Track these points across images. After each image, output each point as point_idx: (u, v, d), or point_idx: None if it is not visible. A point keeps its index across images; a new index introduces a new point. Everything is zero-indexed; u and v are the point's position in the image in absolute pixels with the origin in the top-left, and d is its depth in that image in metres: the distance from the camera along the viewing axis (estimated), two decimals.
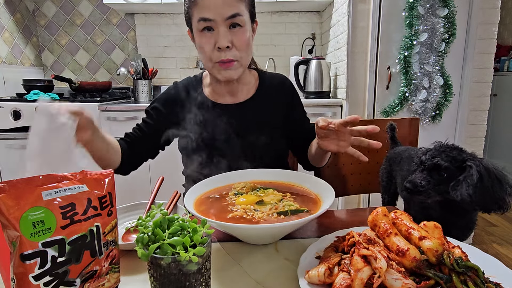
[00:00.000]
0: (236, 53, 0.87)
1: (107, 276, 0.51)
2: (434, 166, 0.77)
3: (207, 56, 0.87)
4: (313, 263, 0.56)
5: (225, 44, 0.84)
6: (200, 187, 0.79)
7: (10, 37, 2.44)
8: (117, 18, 2.74)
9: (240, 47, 0.87)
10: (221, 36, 0.84)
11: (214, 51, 0.86)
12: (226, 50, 0.85)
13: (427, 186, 0.76)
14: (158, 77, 2.77)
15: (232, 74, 0.90)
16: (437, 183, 0.77)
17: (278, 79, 1.07)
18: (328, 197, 0.70)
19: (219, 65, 0.87)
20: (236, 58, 0.88)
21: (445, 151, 0.78)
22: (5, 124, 2.09)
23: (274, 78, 1.07)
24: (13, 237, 0.42)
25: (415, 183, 0.77)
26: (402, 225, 0.53)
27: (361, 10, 2.00)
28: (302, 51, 2.76)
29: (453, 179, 0.76)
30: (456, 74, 2.04)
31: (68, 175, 0.49)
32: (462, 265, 0.46)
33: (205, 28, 0.85)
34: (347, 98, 2.10)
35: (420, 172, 0.80)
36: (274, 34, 2.76)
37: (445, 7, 1.92)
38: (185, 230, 0.48)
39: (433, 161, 0.77)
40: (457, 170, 0.76)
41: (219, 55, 0.86)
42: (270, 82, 1.05)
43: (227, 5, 0.83)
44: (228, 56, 0.86)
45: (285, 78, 1.09)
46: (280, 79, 1.08)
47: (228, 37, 0.84)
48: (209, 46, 0.86)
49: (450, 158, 0.76)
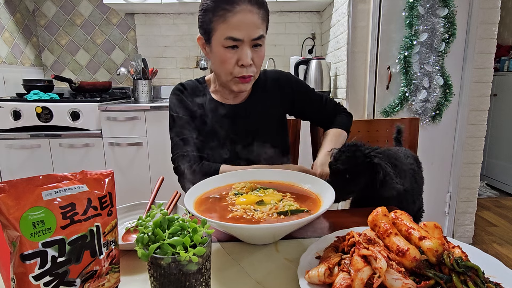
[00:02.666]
0: (254, 69, 0.95)
1: (107, 276, 0.51)
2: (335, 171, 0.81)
3: (228, 70, 0.93)
4: (313, 263, 0.56)
5: (249, 62, 0.91)
6: (200, 187, 0.79)
7: (10, 37, 2.44)
8: (117, 18, 2.74)
9: (258, 64, 0.95)
10: (245, 54, 0.90)
11: (236, 67, 0.93)
12: (248, 67, 0.93)
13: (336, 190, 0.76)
14: (158, 77, 2.78)
15: (248, 87, 0.99)
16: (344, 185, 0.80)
17: (273, 75, 1.13)
18: (328, 197, 0.70)
19: (239, 79, 0.94)
20: (254, 74, 0.96)
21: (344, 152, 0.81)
22: (5, 124, 2.09)
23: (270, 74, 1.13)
24: (13, 237, 0.42)
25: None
26: (402, 225, 0.53)
27: (361, 10, 2.00)
28: (302, 51, 2.76)
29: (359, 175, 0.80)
30: (456, 74, 2.04)
31: (68, 175, 0.49)
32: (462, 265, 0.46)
33: (230, 45, 0.90)
34: (347, 98, 2.10)
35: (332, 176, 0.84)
36: (274, 34, 2.76)
37: (445, 7, 1.92)
38: (185, 230, 0.48)
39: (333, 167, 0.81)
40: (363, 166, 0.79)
41: (240, 71, 0.93)
42: (265, 80, 1.11)
43: (255, 27, 0.89)
44: (249, 72, 0.93)
45: (280, 74, 1.14)
46: (276, 75, 1.13)
47: (250, 55, 0.91)
48: (232, 61, 0.92)
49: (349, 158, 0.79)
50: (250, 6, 0.87)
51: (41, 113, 2.08)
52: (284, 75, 1.13)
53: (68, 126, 2.11)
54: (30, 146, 2.12)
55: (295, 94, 1.12)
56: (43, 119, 2.09)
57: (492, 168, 3.40)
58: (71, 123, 2.11)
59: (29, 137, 2.11)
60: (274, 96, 1.10)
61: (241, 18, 0.86)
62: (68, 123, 2.11)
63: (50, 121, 2.09)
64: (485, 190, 3.28)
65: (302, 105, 1.14)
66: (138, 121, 2.13)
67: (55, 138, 2.12)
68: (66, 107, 2.09)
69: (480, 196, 3.09)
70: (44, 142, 2.13)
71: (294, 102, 1.13)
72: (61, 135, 2.12)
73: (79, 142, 2.13)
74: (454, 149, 2.14)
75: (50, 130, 2.12)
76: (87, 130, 2.13)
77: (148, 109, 2.11)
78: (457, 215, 2.25)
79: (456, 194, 2.20)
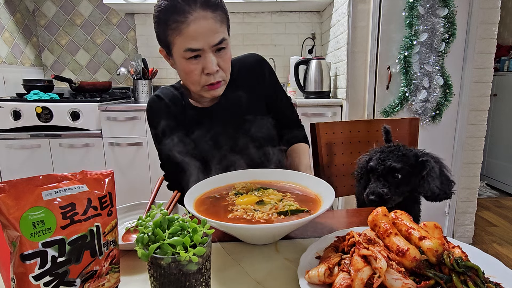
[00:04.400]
0: (223, 74, 0.90)
1: (107, 276, 0.51)
2: (389, 170, 0.76)
3: (195, 80, 0.89)
4: (313, 263, 0.56)
5: (214, 69, 0.86)
6: (200, 187, 0.79)
7: (10, 37, 2.44)
8: (117, 18, 2.74)
9: (225, 67, 0.90)
10: (209, 62, 0.85)
11: (202, 76, 0.88)
12: (215, 74, 0.88)
13: (391, 193, 0.75)
14: (158, 77, 2.77)
15: (219, 92, 0.93)
16: (396, 186, 0.76)
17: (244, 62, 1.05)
18: (328, 197, 0.70)
19: (208, 87, 0.90)
20: (223, 78, 0.91)
21: (392, 152, 0.77)
22: (5, 124, 2.09)
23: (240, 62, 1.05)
24: (13, 237, 0.42)
25: (379, 193, 0.75)
26: (402, 225, 0.53)
27: (361, 10, 2.00)
28: (302, 51, 2.76)
29: (408, 177, 0.76)
30: (456, 74, 2.04)
31: (68, 175, 0.49)
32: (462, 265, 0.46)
33: (192, 56, 0.85)
34: (347, 98, 2.10)
35: (377, 180, 0.78)
36: (274, 34, 2.76)
37: (445, 7, 1.92)
38: (185, 230, 0.48)
39: (385, 165, 0.76)
40: (410, 167, 0.76)
41: (207, 79, 0.88)
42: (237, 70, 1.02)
43: (213, 33, 0.83)
44: (217, 78, 0.89)
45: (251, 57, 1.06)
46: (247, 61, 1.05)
47: (215, 61, 0.86)
48: (197, 72, 0.87)
49: (401, 157, 0.76)
50: (203, 11, 0.81)
51: (41, 113, 2.08)
52: (258, 62, 1.06)
53: (68, 126, 2.12)
54: (30, 146, 2.12)
55: (265, 84, 1.06)
56: (43, 119, 2.09)
57: (492, 168, 3.40)
58: (71, 123, 2.11)
59: (29, 137, 2.11)
60: (250, 83, 1.03)
61: (195, 28, 0.81)
62: (68, 123, 2.11)
63: (50, 121, 2.09)
64: (485, 190, 3.29)
65: (270, 100, 1.07)
66: (138, 121, 2.13)
67: (55, 138, 2.12)
68: (66, 107, 2.09)
69: (480, 196, 3.09)
70: (44, 142, 2.13)
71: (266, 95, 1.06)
72: (61, 135, 2.12)
73: (79, 142, 2.13)
74: (454, 149, 2.14)
75: (50, 130, 2.12)
76: (87, 130, 2.13)
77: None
78: (457, 215, 2.25)
79: (456, 194, 2.20)
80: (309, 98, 2.28)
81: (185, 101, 1.00)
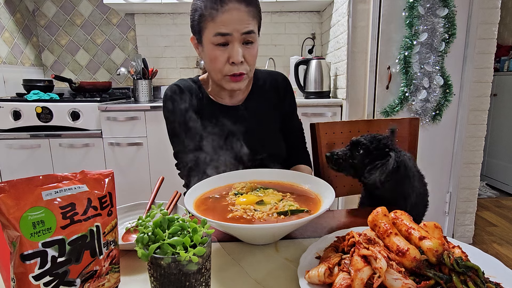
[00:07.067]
0: (247, 67, 0.93)
1: (107, 276, 0.51)
2: (355, 142, 0.85)
3: (219, 68, 0.92)
4: (313, 263, 0.56)
5: (240, 59, 0.89)
6: (200, 187, 0.79)
7: (10, 37, 2.44)
8: (117, 18, 2.74)
9: (250, 62, 0.93)
10: (236, 51, 0.89)
11: (227, 65, 0.91)
12: (239, 65, 0.91)
13: (342, 156, 0.84)
14: (158, 77, 2.78)
15: (240, 86, 0.96)
16: (352, 157, 0.84)
17: (272, 76, 1.12)
18: (328, 197, 0.70)
19: (230, 78, 0.93)
20: (246, 72, 0.94)
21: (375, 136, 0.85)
22: (5, 124, 2.09)
23: (269, 75, 1.12)
24: (13, 237, 0.42)
25: (333, 151, 0.86)
26: (402, 225, 0.53)
27: (361, 10, 2.00)
28: (302, 51, 2.76)
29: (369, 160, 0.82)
30: (456, 74, 2.04)
31: (68, 175, 0.49)
32: (462, 265, 0.46)
33: (220, 43, 0.89)
34: (347, 98, 2.10)
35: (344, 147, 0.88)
36: (274, 34, 2.76)
37: (445, 7, 1.92)
38: (185, 230, 0.48)
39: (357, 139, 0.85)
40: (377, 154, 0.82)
41: (231, 69, 0.91)
42: (264, 81, 1.10)
43: (244, 22, 0.88)
44: (240, 70, 0.92)
45: (278, 75, 1.13)
46: (274, 76, 1.12)
47: (241, 52, 0.89)
48: (223, 59, 0.90)
49: (373, 140, 0.83)
50: (238, 4, 0.87)
51: (41, 113, 2.08)
52: (285, 81, 1.12)
53: (68, 126, 2.11)
54: (30, 146, 2.12)
55: (286, 103, 1.11)
56: (43, 119, 2.09)
57: (492, 168, 3.40)
58: (71, 123, 2.11)
59: (29, 137, 2.11)
60: (272, 98, 1.09)
61: (228, 16, 0.86)
62: (68, 123, 2.11)
63: (50, 121, 2.09)
64: (485, 190, 3.28)
65: (286, 118, 1.12)
66: (138, 121, 2.13)
67: (55, 138, 2.12)
68: (66, 107, 2.09)
69: (480, 196, 3.09)
70: (44, 142, 2.13)
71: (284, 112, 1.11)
72: (61, 135, 2.12)
73: (79, 142, 2.13)
74: (454, 149, 2.14)
75: (50, 130, 2.12)
76: (87, 130, 2.13)
77: (148, 109, 2.11)
78: (457, 215, 2.25)
79: (456, 194, 2.20)
80: (309, 98, 2.28)
81: (203, 94, 1.04)
